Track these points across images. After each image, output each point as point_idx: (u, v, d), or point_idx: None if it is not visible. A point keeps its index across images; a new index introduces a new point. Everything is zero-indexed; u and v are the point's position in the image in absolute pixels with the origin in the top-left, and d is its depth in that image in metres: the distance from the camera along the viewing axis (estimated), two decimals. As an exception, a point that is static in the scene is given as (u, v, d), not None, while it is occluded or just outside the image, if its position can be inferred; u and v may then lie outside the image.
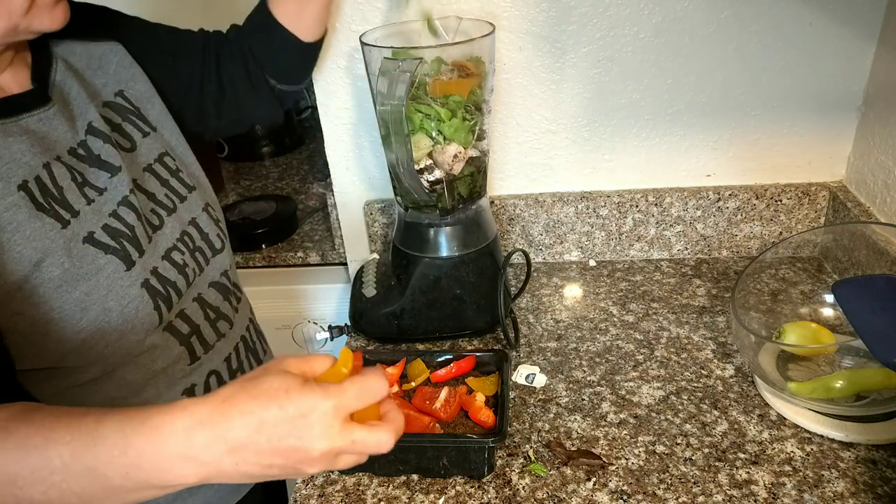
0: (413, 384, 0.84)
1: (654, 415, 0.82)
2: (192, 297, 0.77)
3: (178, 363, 0.74)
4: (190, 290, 0.76)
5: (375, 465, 0.77)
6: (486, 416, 0.78)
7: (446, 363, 0.86)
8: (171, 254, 0.75)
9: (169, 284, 0.73)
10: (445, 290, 0.94)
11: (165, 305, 0.72)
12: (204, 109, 0.91)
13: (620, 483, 0.73)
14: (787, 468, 0.73)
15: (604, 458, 0.76)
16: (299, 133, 1.78)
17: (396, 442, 0.61)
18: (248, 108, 0.94)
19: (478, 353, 0.87)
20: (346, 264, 1.23)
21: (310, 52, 0.93)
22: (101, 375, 0.68)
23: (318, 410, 0.45)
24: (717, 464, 0.74)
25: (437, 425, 0.78)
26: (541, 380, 0.88)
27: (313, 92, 1.05)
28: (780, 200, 1.07)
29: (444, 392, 0.80)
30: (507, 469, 0.76)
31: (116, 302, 0.67)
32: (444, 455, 0.74)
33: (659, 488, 0.72)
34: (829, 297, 0.94)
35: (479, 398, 0.80)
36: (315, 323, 1.25)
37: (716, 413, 0.81)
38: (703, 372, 0.88)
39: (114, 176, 0.71)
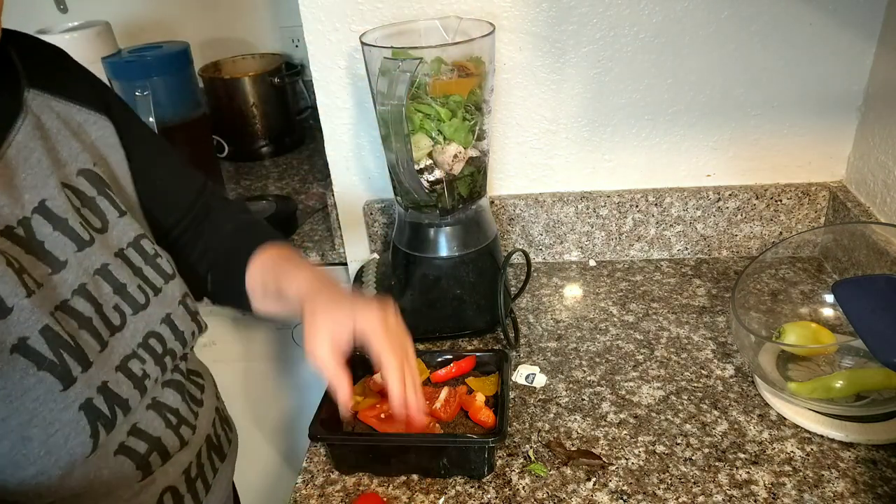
0: None
1: (654, 415, 0.82)
2: (146, 404, 0.65)
3: (124, 485, 0.62)
4: (143, 400, 0.64)
5: (376, 466, 0.77)
6: (486, 416, 0.78)
7: (446, 363, 0.86)
8: (128, 363, 0.63)
9: (118, 402, 0.60)
10: (445, 290, 0.94)
11: (105, 429, 0.59)
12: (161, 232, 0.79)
13: (620, 483, 0.73)
14: (787, 468, 0.73)
15: (604, 458, 0.76)
16: (299, 133, 1.78)
17: (397, 442, 0.70)
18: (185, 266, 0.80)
19: (478, 353, 0.87)
20: (346, 264, 1.23)
21: (248, 310, 0.81)
22: None
23: None
24: (717, 464, 0.74)
25: (437, 425, 0.78)
26: (541, 380, 0.88)
27: (313, 92, 1.05)
28: (780, 200, 1.07)
29: (444, 392, 0.80)
30: (507, 469, 0.76)
31: (41, 430, 0.54)
32: (445, 455, 0.74)
33: (659, 488, 0.72)
34: (829, 297, 0.94)
35: (479, 398, 0.80)
36: (315, 323, 1.24)
37: (716, 413, 0.81)
38: (703, 372, 0.88)
39: (55, 273, 0.59)
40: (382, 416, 0.78)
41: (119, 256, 0.66)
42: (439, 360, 0.87)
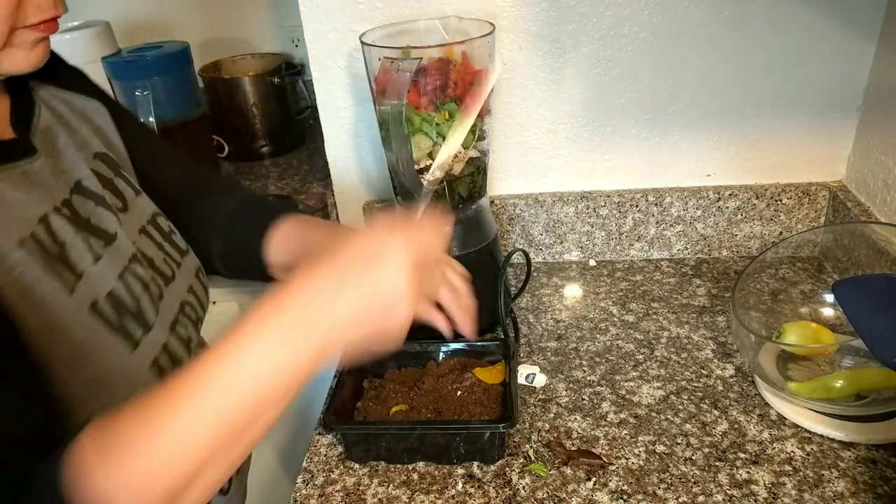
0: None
1: (654, 414, 0.82)
2: None
3: None
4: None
5: (389, 454, 0.77)
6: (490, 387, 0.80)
7: (452, 353, 0.87)
8: (176, 326, 0.67)
9: (176, 363, 0.65)
10: (445, 290, 0.94)
11: None
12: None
13: (620, 483, 0.73)
14: (787, 468, 0.73)
15: (604, 458, 0.76)
16: (299, 133, 1.78)
17: (407, 429, 0.73)
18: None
19: (484, 343, 0.88)
20: (346, 264, 1.22)
21: (265, 278, 0.82)
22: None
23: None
24: (717, 463, 0.74)
25: (441, 412, 0.79)
26: (541, 380, 0.88)
27: (313, 92, 1.05)
28: (780, 200, 1.07)
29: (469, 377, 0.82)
30: (507, 469, 0.76)
31: (126, 387, 0.58)
32: (456, 441, 0.75)
33: (659, 488, 0.72)
34: (829, 297, 0.94)
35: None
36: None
37: (716, 413, 0.81)
38: (703, 372, 0.88)
39: (109, 245, 0.62)
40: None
41: (143, 233, 0.69)
42: (444, 349, 0.88)
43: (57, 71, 0.69)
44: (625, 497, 0.71)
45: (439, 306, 0.67)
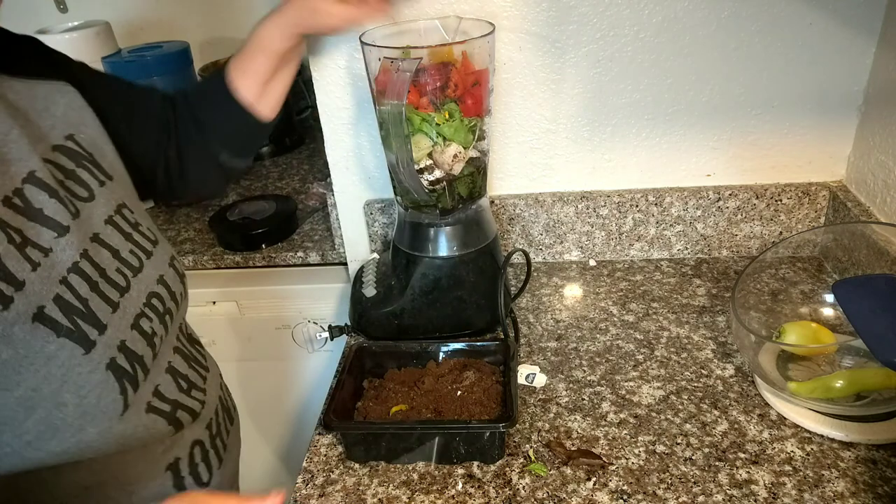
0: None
1: (654, 414, 0.82)
2: (164, 368, 0.69)
3: (158, 440, 0.66)
4: (157, 361, 0.67)
5: (389, 453, 0.77)
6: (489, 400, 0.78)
7: (452, 353, 0.87)
8: (139, 321, 0.65)
9: (136, 360, 0.63)
10: (445, 290, 0.94)
11: (132, 387, 0.61)
12: (155, 172, 0.84)
13: (620, 483, 0.73)
14: (788, 468, 0.73)
15: (604, 458, 0.76)
16: (299, 133, 1.78)
17: (409, 428, 0.72)
18: (195, 179, 0.88)
19: (483, 343, 0.88)
20: (346, 264, 1.23)
21: (265, 130, 0.90)
22: (55, 469, 0.58)
23: None
24: (717, 463, 0.74)
25: (441, 412, 0.79)
26: (541, 380, 0.88)
27: (313, 92, 1.05)
28: (780, 200, 1.07)
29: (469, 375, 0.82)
30: (507, 469, 0.76)
31: (73, 393, 0.56)
32: (457, 441, 0.75)
33: (659, 488, 0.72)
34: (829, 297, 0.94)
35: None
36: (315, 323, 1.25)
37: (716, 413, 0.81)
38: (703, 372, 0.88)
39: (61, 236, 0.60)
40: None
41: (109, 223, 0.67)
42: (444, 349, 0.88)
43: (18, 57, 0.67)
44: (625, 497, 0.71)
45: None
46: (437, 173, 0.88)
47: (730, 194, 1.07)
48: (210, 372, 0.79)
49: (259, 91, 0.85)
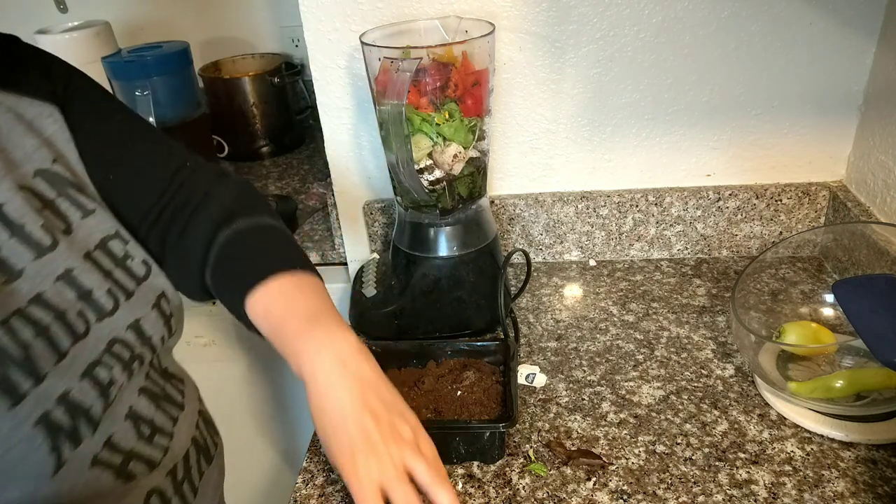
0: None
1: (654, 414, 0.82)
2: (122, 415, 0.61)
3: (105, 494, 0.59)
4: (113, 409, 0.60)
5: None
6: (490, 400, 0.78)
7: (452, 353, 0.87)
8: (94, 370, 0.58)
9: (80, 413, 0.56)
10: (445, 290, 0.94)
11: (71, 443, 0.55)
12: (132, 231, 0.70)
13: (620, 483, 0.73)
14: (788, 468, 0.73)
15: (604, 458, 0.76)
16: (299, 133, 1.78)
17: None
18: (171, 274, 0.71)
19: (484, 343, 0.88)
20: (346, 264, 1.23)
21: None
22: None
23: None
24: (717, 463, 0.74)
25: (441, 412, 0.79)
26: (541, 380, 0.88)
27: (313, 92, 1.05)
28: (780, 200, 1.07)
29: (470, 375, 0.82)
30: (507, 469, 0.76)
31: None
32: (457, 441, 0.75)
33: (659, 488, 0.72)
34: (829, 297, 0.94)
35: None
36: (315, 323, 1.24)
37: (716, 413, 0.81)
38: (703, 372, 0.88)
39: (9, 283, 0.54)
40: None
41: (88, 259, 0.61)
42: (445, 349, 0.88)
43: (14, 70, 0.62)
44: (625, 497, 0.71)
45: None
46: (437, 173, 0.88)
47: (730, 194, 1.07)
48: (185, 410, 0.71)
49: (259, 326, 0.69)
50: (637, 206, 1.09)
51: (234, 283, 0.69)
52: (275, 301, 0.66)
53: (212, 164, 0.77)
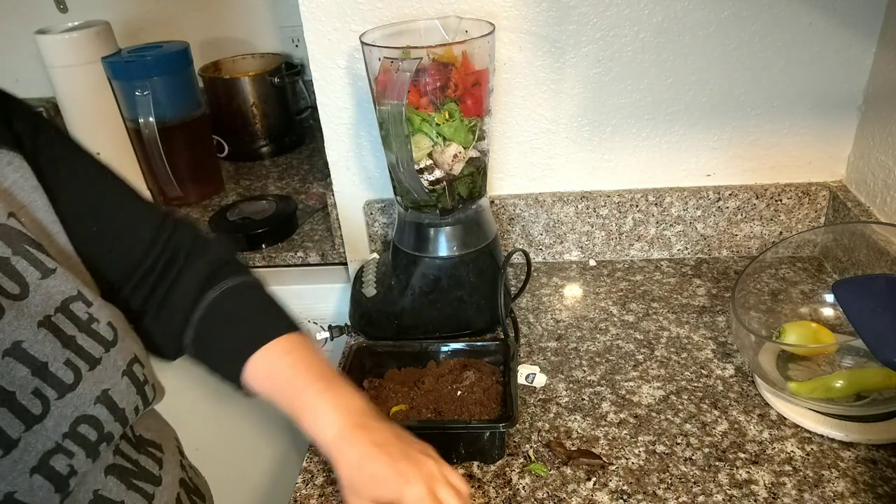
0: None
1: (654, 414, 0.82)
2: (88, 500, 0.55)
3: None
4: (73, 497, 0.53)
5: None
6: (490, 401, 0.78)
7: (452, 353, 0.87)
8: (49, 460, 0.50)
9: None
10: (445, 290, 0.94)
11: None
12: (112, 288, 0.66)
13: (620, 483, 0.73)
14: (788, 468, 0.73)
15: (604, 458, 0.76)
16: (299, 133, 1.78)
17: (409, 428, 0.68)
18: (149, 332, 0.69)
19: (484, 343, 0.88)
20: (346, 264, 1.23)
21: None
22: None
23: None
24: (717, 463, 0.74)
25: (441, 412, 0.79)
26: (541, 380, 0.88)
27: (313, 92, 1.05)
28: (780, 200, 1.07)
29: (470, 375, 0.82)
30: (507, 469, 0.76)
31: None
32: (457, 441, 0.75)
33: (659, 488, 0.72)
34: (829, 297, 0.94)
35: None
36: (315, 323, 1.25)
37: (716, 413, 0.81)
38: (703, 372, 0.88)
39: None
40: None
41: (45, 326, 0.53)
42: (444, 349, 0.88)
43: None
44: (625, 497, 0.71)
45: None
46: (437, 173, 0.88)
47: (730, 194, 1.07)
48: (163, 483, 0.63)
49: (257, 387, 0.68)
50: (637, 206, 1.09)
51: (231, 345, 0.68)
52: (277, 364, 0.66)
53: (184, 217, 0.74)
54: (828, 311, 0.93)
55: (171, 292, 0.69)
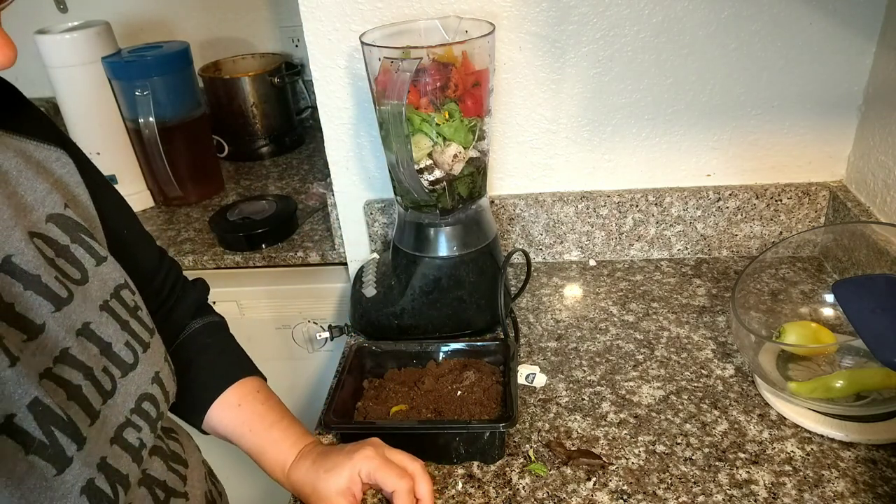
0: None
1: (654, 414, 0.82)
2: (138, 479, 0.57)
3: None
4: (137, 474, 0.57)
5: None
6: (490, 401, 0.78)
7: (452, 353, 0.87)
8: (123, 433, 0.54)
9: (119, 480, 0.52)
10: (445, 290, 0.94)
11: None
12: None
13: (620, 483, 0.73)
14: (788, 468, 0.73)
15: (604, 458, 0.76)
16: (299, 133, 1.78)
17: (409, 429, 0.75)
18: None
19: (484, 343, 0.88)
20: (346, 264, 1.23)
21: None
22: None
23: None
24: (717, 463, 0.74)
25: (441, 412, 0.79)
26: (541, 380, 0.88)
27: (313, 92, 1.05)
28: (780, 200, 1.07)
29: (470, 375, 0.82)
30: (507, 469, 0.76)
31: None
32: (457, 441, 0.75)
33: (659, 488, 0.72)
34: (829, 297, 0.94)
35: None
36: (315, 323, 1.25)
37: (716, 413, 0.81)
38: (703, 372, 0.88)
39: (32, 339, 0.50)
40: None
41: (104, 310, 0.57)
42: (444, 349, 0.88)
43: (18, 113, 0.59)
44: (625, 497, 0.71)
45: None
46: (437, 173, 0.88)
47: (730, 194, 1.07)
48: (190, 465, 0.67)
49: (217, 427, 0.74)
50: (637, 206, 1.09)
51: (209, 376, 0.75)
52: (249, 402, 0.75)
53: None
54: (828, 311, 0.93)
55: (173, 311, 0.76)
